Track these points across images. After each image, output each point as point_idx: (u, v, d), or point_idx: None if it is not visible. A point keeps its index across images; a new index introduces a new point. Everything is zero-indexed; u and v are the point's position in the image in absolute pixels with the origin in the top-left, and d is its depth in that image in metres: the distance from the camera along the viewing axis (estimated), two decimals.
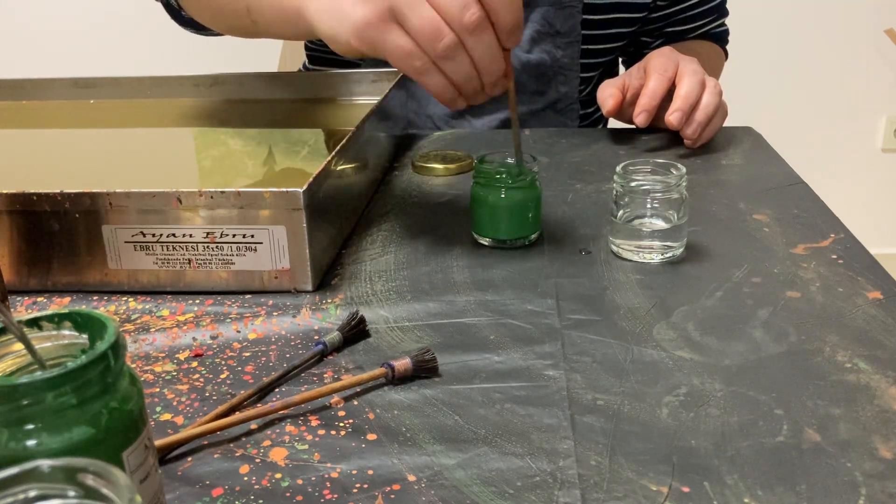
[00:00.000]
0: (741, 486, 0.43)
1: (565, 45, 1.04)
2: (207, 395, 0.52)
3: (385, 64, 0.64)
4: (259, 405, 0.51)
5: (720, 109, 0.91)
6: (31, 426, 0.31)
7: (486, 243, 0.71)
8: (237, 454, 0.47)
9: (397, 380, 0.52)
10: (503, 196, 0.69)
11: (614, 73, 1.22)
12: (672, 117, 0.87)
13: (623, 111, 0.95)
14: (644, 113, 0.90)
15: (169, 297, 0.64)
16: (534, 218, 0.71)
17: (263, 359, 0.56)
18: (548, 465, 0.45)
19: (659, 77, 0.90)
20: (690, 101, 0.87)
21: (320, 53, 1.16)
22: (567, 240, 0.72)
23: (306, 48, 1.19)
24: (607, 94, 0.94)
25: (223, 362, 0.56)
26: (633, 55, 1.19)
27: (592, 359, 0.54)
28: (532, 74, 1.05)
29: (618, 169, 0.67)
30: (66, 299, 0.64)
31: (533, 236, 0.71)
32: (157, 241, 0.63)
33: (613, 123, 1.11)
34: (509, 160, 0.72)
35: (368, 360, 0.55)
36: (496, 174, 0.69)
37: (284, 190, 0.60)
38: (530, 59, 1.03)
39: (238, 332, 0.59)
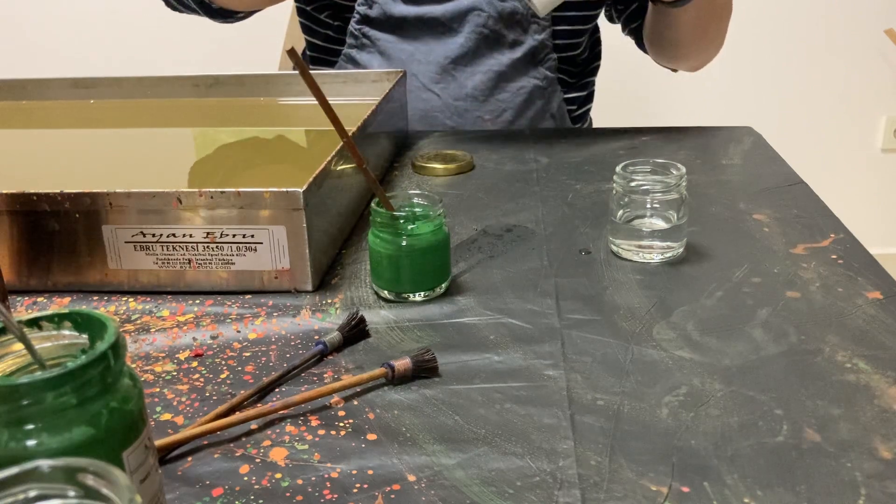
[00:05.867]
0: (741, 486, 0.43)
1: None
2: (207, 395, 0.52)
3: None
4: (259, 405, 0.51)
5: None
6: (31, 426, 0.31)
7: (388, 297, 0.63)
8: (237, 454, 0.47)
9: (397, 380, 0.52)
10: (404, 244, 0.61)
11: (595, 38, 1.18)
12: None
13: None
14: None
15: (169, 297, 0.64)
16: (441, 266, 0.63)
17: (263, 359, 0.56)
18: (548, 465, 0.45)
19: None
20: None
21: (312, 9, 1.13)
22: (567, 240, 0.72)
23: (299, 13, 1.17)
24: None
25: (223, 362, 0.56)
26: (633, 15, 1.15)
27: (592, 359, 0.54)
28: (508, 24, 1.06)
29: (618, 169, 0.67)
30: (66, 299, 0.64)
31: (442, 286, 0.63)
32: (157, 241, 0.63)
33: (610, 122, 1.11)
34: (415, 199, 0.64)
35: (368, 360, 0.55)
36: (396, 218, 0.61)
37: (284, 190, 0.60)
38: (504, 8, 1.05)
39: (238, 332, 0.59)
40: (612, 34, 1.23)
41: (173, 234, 0.62)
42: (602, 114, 1.32)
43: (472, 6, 1.04)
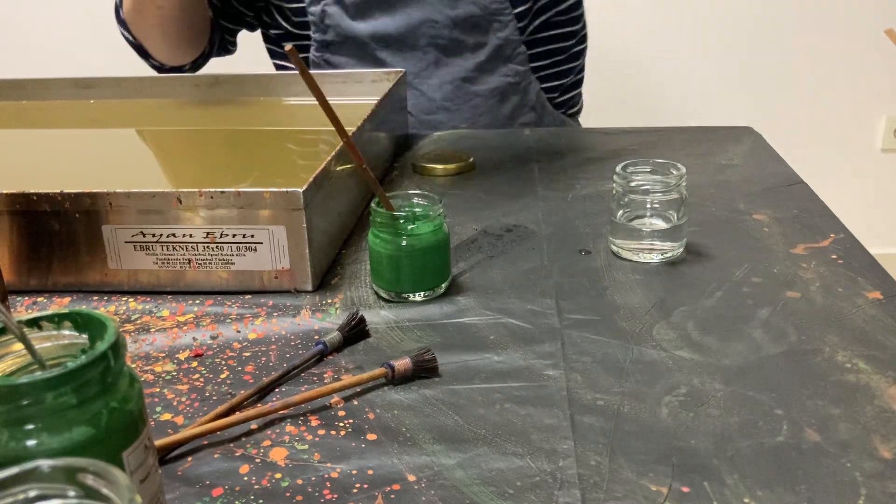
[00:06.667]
0: (741, 486, 0.43)
1: None
2: (207, 395, 0.52)
3: None
4: (259, 405, 0.51)
5: None
6: (31, 426, 0.31)
7: (387, 297, 0.63)
8: (237, 454, 0.47)
9: (397, 380, 0.52)
10: (404, 244, 0.61)
11: (581, 11, 1.16)
12: None
13: None
14: None
15: (169, 297, 0.64)
16: (441, 266, 0.63)
17: (263, 359, 0.56)
18: (548, 465, 0.45)
19: None
20: None
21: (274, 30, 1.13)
22: (567, 240, 0.72)
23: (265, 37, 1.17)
24: None
25: (223, 362, 0.56)
26: None
27: (592, 359, 0.54)
28: (465, 29, 1.02)
29: (618, 169, 0.67)
30: (66, 299, 0.64)
31: (442, 286, 0.63)
32: (157, 241, 0.63)
33: (610, 122, 1.11)
34: (415, 199, 0.64)
35: (368, 360, 0.55)
36: (396, 218, 0.60)
37: (284, 190, 0.60)
38: (458, 15, 1.01)
39: (238, 332, 0.59)
40: (613, 36, 1.23)
41: (173, 234, 0.62)
42: (602, 114, 1.32)
43: (424, 18, 1.02)
